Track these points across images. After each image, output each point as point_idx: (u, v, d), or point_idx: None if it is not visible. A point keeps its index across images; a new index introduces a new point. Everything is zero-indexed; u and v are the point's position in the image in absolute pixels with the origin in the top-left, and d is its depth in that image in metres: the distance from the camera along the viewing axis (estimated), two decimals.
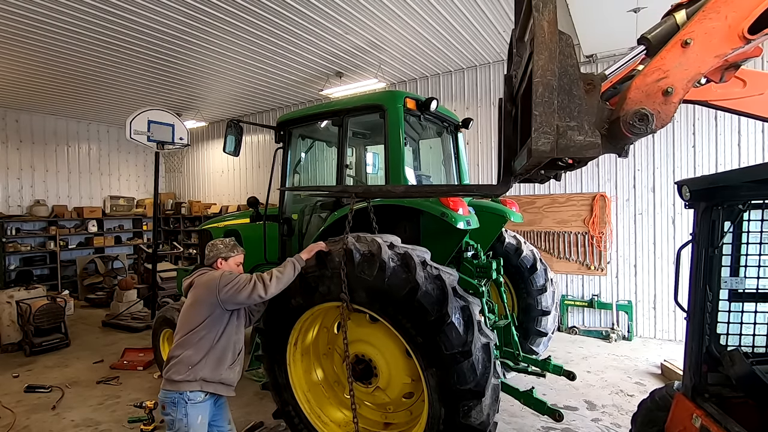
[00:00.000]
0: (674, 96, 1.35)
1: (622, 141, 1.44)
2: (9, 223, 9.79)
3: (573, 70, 1.35)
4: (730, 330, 2.13)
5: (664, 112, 1.36)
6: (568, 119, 1.34)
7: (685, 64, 1.36)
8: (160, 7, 5.46)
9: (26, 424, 4.26)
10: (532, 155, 1.35)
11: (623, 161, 6.74)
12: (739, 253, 2.16)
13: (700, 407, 2.03)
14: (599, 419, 4.14)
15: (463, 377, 2.59)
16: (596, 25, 5.82)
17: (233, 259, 2.94)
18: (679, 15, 1.48)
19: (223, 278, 2.66)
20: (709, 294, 2.07)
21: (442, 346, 2.61)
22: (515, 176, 1.92)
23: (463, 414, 2.63)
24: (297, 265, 2.87)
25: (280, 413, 3.51)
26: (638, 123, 1.34)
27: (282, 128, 4.56)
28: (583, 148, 1.35)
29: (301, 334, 3.45)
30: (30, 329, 6.31)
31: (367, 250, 2.86)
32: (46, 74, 7.78)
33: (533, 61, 1.34)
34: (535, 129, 1.33)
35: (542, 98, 1.32)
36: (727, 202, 2.01)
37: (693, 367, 2.13)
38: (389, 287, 2.73)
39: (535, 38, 1.33)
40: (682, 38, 1.37)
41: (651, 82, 1.37)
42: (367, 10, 5.66)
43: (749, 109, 1.79)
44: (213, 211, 11.42)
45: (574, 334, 6.91)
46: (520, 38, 1.92)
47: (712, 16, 1.36)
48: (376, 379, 3.25)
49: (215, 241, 2.99)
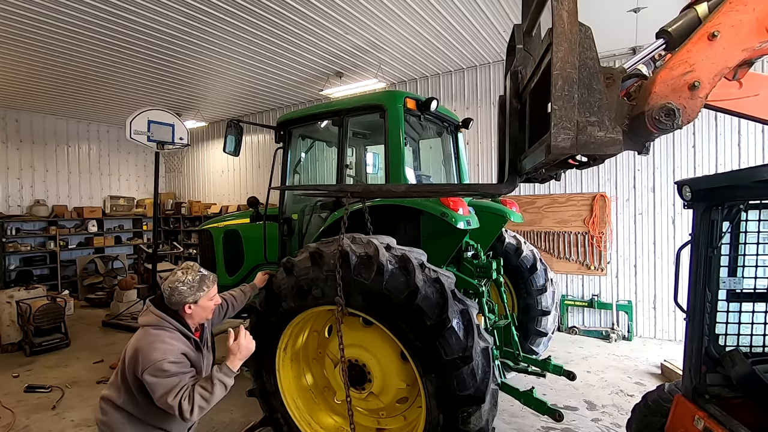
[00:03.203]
0: (701, 90, 1.32)
1: (645, 137, 1.39)
2: (9, 223, 9.78)
3: (593, 62, 1.29)
4: (728, 330, 2.13)
5: (690, 107, 1.32)
6: (588, 114, 1.28)
7: (711, 57, 1.33)
8: (160, 7, 5.45)
9: (26, 424, 4.27)
10: (551, 152, 1.28)
11: (623, 161, 6.74)
12: (737, 254, 2.15)
13: (702, 408, 2.02)
14: (599, 419, 4.14)
15: (463, 383, 2.53)
16: (596, 25, 5.81)
17: (204, 298, 2.35)
18: (701, 8, 1.45)
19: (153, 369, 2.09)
20: (709, 294, 2.06)
21: (442, 351, 2.54)
22: (522, 175, 1.86)
23: (463, 420, 2.57)
24: (227, 380, 2.17)
25: (267, 421, 3.44)
26: (665, 118, 1.29)
27: (282, 128, 4.56)
28: (604, 145, 1.29)
29: (291, 339, 3.36)
30: (30, 329, 6.31)
31: (363, 252, 2.78)
32: (46, 74, 7.78)
33: (552, 52, 1.27)
34: (554, 124, 1.27)
35: (562, 92, 1.26)
36: (727, 203, 2.00)
37: (693, 368, 2.12)
38: (387, 291, 2.65)
39: (554, 29, 1.27)
40: (709, 30, 1.33)
41: (677, 75, 1.33)
42: (367, 10, 5.66)
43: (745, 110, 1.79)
44: (213, 211, 11.41)
45: (574, 334, 6.91)
46: (528, 32, 1.86)
47: (739, 8, 1.33)
48: (369, 385, 3.15)
49: (174, 280, 2.28)
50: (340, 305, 2.77)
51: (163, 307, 2.31)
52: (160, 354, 2.12)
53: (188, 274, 2.31)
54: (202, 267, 2.43)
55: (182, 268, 2.36)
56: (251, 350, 2.31)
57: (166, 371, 2.10)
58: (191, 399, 2.08)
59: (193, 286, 2.29)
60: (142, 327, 2.29)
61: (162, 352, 2.13)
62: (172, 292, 2.26)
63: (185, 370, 2.20)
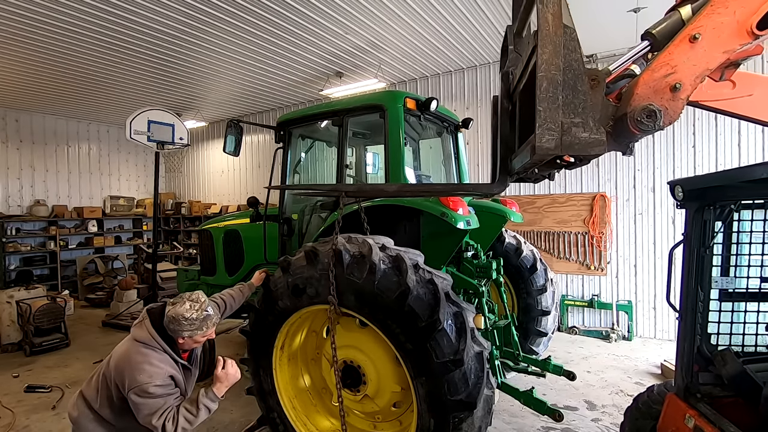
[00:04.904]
0: (682, 92, 1.33)
1: (628, 138, 1.41)
2: (9, 223, 9.78)
3: (577, 64, 1.31)
4: (721, 330, 2.13)
5: (672, 109, 1.34)
6: (572, 115, 1.30)
7: (693, 59, 1.34)
8: (160, 7, 5.45)
9: (26, 424, 4.27)
10: (536, 152, 1.31)
11: (623, 161, 6.74)
12: (729, 253, 2.16)
13: (693, 407, 2.02)
14: (599, 419, 4.14)
15: (454, 387, 2.47)
16: (596, 25, 5.83)
17: (200, 336, 2.38)
18: (685, 10, 1.46)
19: (139, 390, 2.15)
20: (701, 294, 2.07)
21: (433, 354, 2.48)
22: (512, 175, 1.87)
23: (454, 426, 2.51)
24: (211, 407, 2.27)
25: (265, 420, 3.43)
26: (646, 119, 1.32)
27: (282, 128, 4.56)
28: (588, 146, 1.31)
29: (288, 338, 3.35)
30: (30, 329, 6.31)
31: (357, 252, 2.75)
32: (46, 74, 7.78)
33: (537, 55, 1.29)
34: (539, 125, 1.29)
35: (546, 93, 1.28)
36: (719, 202, 2.00)
37: (685, 367, 2.12)
38: (379, 291, 2.61)
39: (539, 31, 1.29)
40: (691, 33, 1.35)
41: (659, 77, 1.35)
42: (367, 10, 5.66)
43: (739, 110, 1.79)
44: (213, 211, 11.41)
45: (574, 334, 6.91)
46: (518, 33, 1.88)
47: (720, 11, 1.34)
48: (364, 387, 3.11)
49: (179, 312, 2.29)
50: (333, 305, 2.75)
51: (159, 325, 2.35)
52: (146, 377, 2.17)
53: (194, 312, 2.32)
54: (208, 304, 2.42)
55: (191, 301, 2.36)
56: (237, 378, 2.38)
57: (151, 394, 2.16)
58: (175, 420, 2.15)
59: (193, 324, 2.31)
60: (133, 340, 2.33)
61: (148, 375, 2.18)
62: (172, 321, 2.29)
63: (171, 392, 2.26)
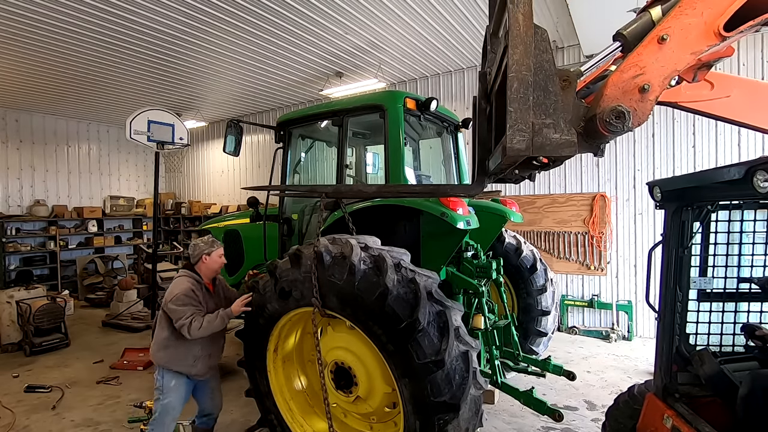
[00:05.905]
0: (650, 93, 1.33)
1: (599, 139, 1.41)
2: (9, 223, 9.79)
3: (548, 65, 1.30)
4: (699, 330, 2.14)
5: (640, 110, 1.33)
6: (543, 116, 1.28)
7: (661, 60, 1.34)
8: (160, 7, 5.46)
9: (26, 424, 4.27)
10: (507, 153, 1.29)
11: (623, 161, 6.74)
12: (707, 254, 2.16)
13: (671, 407, 2.02)
14: (599, 419, 4.14)
15: (437, 388, 2.42)
16: (596, 25, 5.82)
17: (215, 253, 3.30)
18: (655, 11, 1.46)
19: (173, 300, 3.07)
20: (679, 294, 2.07)
21: (414, 355, 2.44)
22: (489, 176, 1.86)
23: (439, 428, 2.47)
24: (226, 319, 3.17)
25: (263, 421, 3.43)
26: (615, 120, 1.31)
27: (282, 128, 4.56)
28: (559, 147, 1.29)
29: (280, 341, 3.35)
30: (30, 329, 6.31)
31: (338, 253, 2.72)
32: (46, 74, 7.78)
33: (508, 55, 1.28)
34: (510, 126, 1.27)
35: (517, 94, 1.26)
36: (696, 203, 2.00)
37: (664, 367, 2.12)
38: (359, 291, 2.59)
39: (509, 32, 1.27)
40: (659, 34, 1.34)
41: (627, 78, 1.34)
42: (367, 10, 5.66)
43: (717, 111, 1.79)
44: (213, 211, 11.42)
45: (574, 334, 6.91)
46: (494, 33, 1.86)
47: (688, 12, 1.33)
48: (356, 388, 3.09)
49: (195, 240, 3.35)
50: (317, 306, 2.74)
51: (189, 266, 3.36)
52: (176, 290, 3.14)
53: (203, 239, 3.36)
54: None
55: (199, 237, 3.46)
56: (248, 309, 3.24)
57: (179, 300, 3.08)
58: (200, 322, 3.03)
59: (207, 243, 3.31)
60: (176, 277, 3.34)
61: (178, 289, 3.14)
62: (194, 248, 3.29)
63: (193, 303, 3.13)
